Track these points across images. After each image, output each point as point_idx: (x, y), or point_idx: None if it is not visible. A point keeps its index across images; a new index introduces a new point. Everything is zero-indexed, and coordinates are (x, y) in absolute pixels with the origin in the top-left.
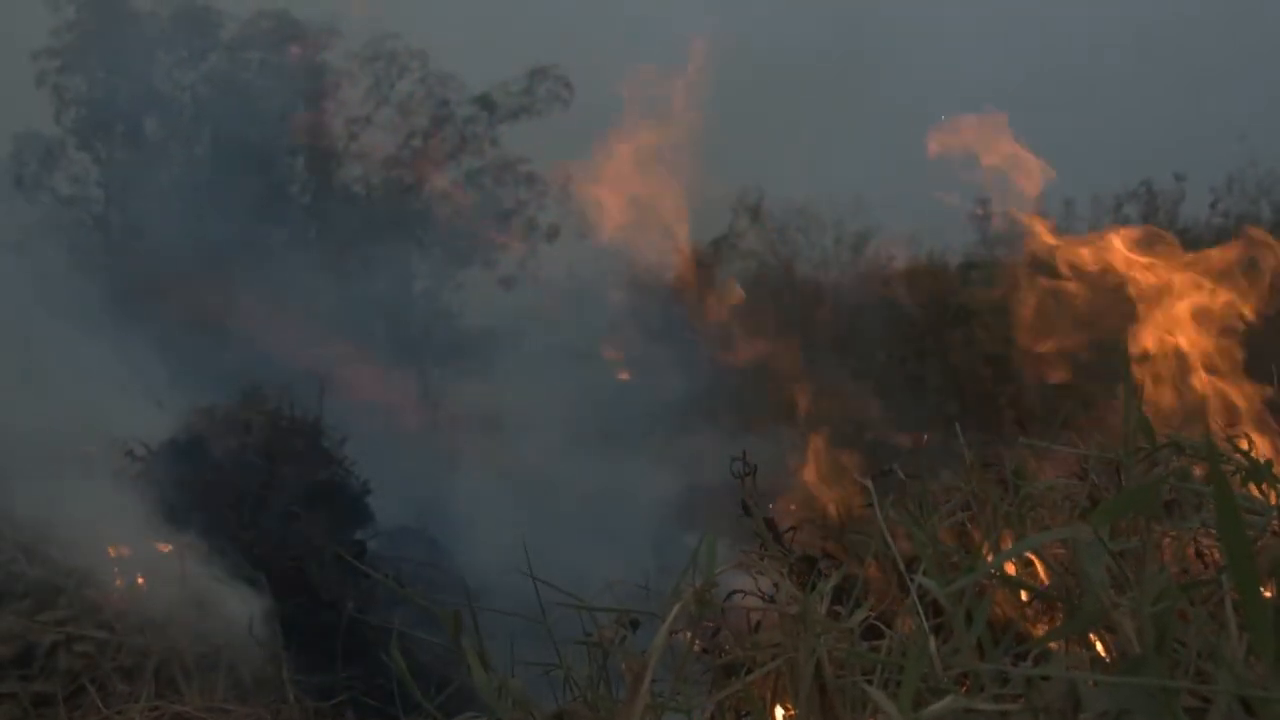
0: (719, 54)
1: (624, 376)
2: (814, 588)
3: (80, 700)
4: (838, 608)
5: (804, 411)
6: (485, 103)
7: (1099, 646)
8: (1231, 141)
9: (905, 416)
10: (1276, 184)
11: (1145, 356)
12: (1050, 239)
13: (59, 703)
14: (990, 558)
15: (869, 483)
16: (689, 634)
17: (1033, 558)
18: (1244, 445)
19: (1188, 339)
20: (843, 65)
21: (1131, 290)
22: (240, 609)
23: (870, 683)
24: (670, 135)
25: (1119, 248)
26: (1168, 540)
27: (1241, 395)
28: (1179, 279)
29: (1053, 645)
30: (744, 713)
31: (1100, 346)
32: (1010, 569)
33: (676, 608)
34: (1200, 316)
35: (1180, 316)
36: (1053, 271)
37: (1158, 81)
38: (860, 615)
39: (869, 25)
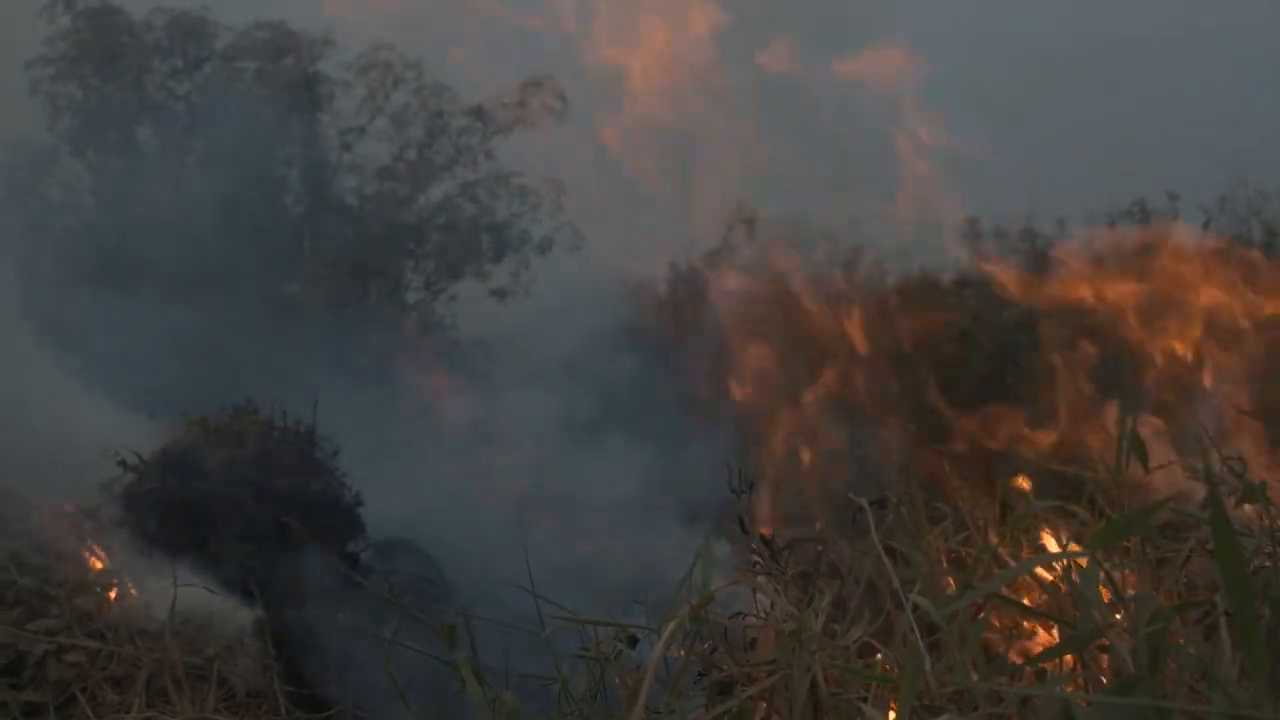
0: (713, 68)
1: (617, 389)
2: (810, 605)
3: (71, 710)
4: (834, 625)
5: (798, 428)
6: (479, 114)
7: (1094, 666)
8: (1225, 161)
9: (898, 434)
10: (1267, 204)
11: None
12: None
13: (50, 712)
14: (985, 578)
15: (865, 504)
16: (684, 650)
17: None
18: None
19: None
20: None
21: None
22: (232, 620)
23: (865, 700)
24: (664, 149)
25: None
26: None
27: None
28: None
29: (1047, 664)
30: None
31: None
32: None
33: (672, 624)
34: None
35: None
36: None
37: (1152, 100)
38: (855, 633)
39: (859, 39)
